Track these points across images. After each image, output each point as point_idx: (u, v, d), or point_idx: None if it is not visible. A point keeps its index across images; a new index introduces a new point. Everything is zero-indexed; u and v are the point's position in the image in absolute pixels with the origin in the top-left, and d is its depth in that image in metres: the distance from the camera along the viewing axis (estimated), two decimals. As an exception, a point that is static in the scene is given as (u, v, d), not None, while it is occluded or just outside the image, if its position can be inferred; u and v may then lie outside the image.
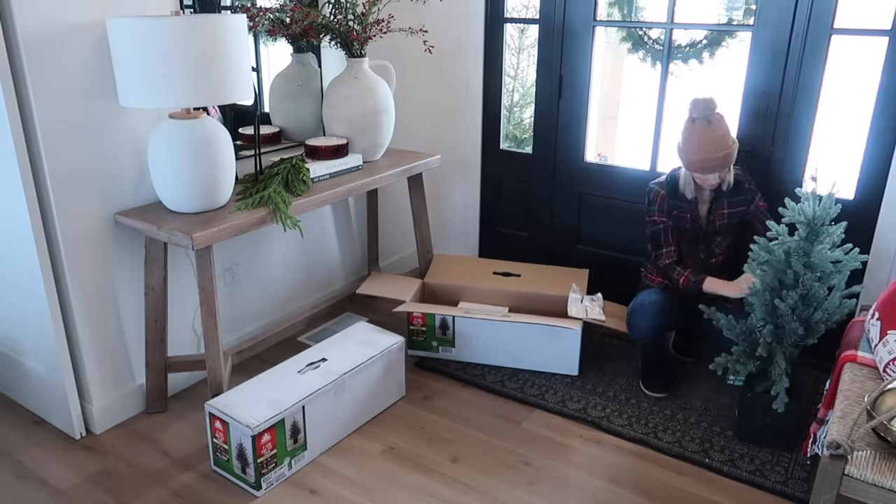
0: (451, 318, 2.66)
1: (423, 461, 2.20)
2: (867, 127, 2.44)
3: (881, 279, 2.49)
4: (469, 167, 3.42)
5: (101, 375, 2.28)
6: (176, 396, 2.51)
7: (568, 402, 2.48)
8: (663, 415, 2.40)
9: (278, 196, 2.25)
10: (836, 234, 2.05)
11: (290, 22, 2.45)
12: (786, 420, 2.18)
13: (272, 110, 2.75)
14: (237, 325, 2.75)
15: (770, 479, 2.10)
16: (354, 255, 3.28)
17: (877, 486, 1.51)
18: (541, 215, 3.28)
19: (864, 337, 2.04)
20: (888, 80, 2.37)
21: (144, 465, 2.17)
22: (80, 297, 2.16)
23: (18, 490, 2.05)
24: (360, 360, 2.30)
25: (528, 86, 3.43)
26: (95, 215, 2.15)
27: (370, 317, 3.05)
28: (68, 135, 2.02)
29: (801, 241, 2.05)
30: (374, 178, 2.63)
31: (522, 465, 2.18)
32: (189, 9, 2.27)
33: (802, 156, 2.59)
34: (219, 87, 1.95)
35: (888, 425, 1.55)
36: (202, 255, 2.09)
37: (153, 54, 1.86)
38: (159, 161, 2.07)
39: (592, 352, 2.79)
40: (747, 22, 2.70)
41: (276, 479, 2.08)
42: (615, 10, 3.05)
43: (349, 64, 2.66)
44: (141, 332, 2.36)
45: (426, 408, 2.47)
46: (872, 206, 2.48)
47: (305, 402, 2.10)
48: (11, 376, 2.44)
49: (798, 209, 2.06)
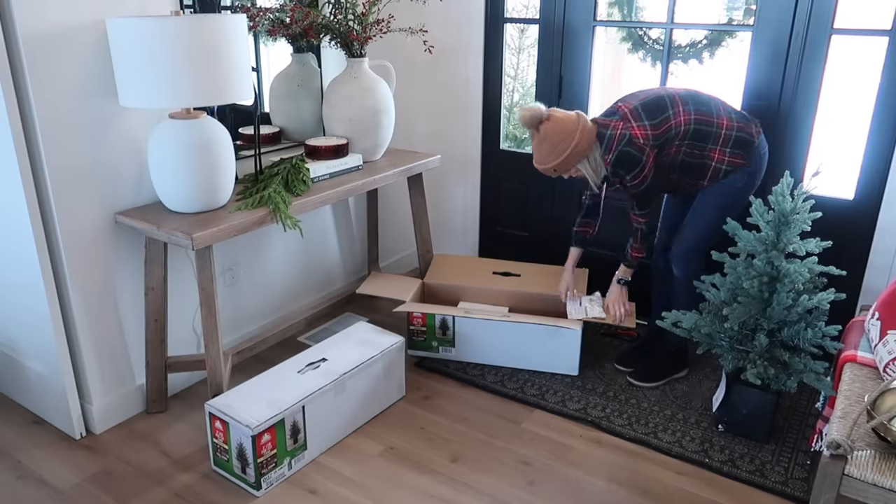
0: (451, 318, 2.66)
1: (422, 461, 2.20)
2: (867, 127, 2.45)
3: (881, 279, 2.49)
4: (469, 167, 3.42)
5: (101, 375, 2.28)
6: (176, 396, 2.51)
7: (568, 402, 2.48)
8: (663, 415, 2.40)
9: (278, 196, 2.25)
10: (804, 222, 2.08)
11: (290, 22, 2.45)
12: (761, 413, 2.20)
13: (272, 110, 2.75)
14: (237, 325, 2.75)
15: (770, 479, 2.10)
16: (354, 255, 3.28)
17: (877, 486, 1.51)
18: (541, 215, 3.28)
19: (864, 337, 2.04)
20: (888, 80, 2.37)
21: (144, 465, 2.17)
22: (80, 296, 2.16)
23: (18, 490, 2.05)
24: (360, 360, 2.30)
25: (528, 86, 3.43)
26: (95, 215, 2.15)
27: (370, 317, 3.05)
28: (68, 134, 2.02)
29: (769, 232, 2.09)
30: (374, 178, 2.63)
31: (522, 465, 2.18)
32: (189, 9, 2.27)
33: (802, 156, 2.59)
34: (219, 87, 1.95)
35: (888, 425, 1.55)
36: (202, 255, 2.09)
37: (153, 54, 1.86)
38: (159, 161, 2.07)
39: (592, 352, 2.79)
40: (747, 22, 2.70)
41: (276, 479, 2.08)
42: (615, 10, 3.05)
43: (349, 64, 2.66)
44: (141, 332, 2.36)
45: (426, 408, 2.47)
46: (872, 206, 2.48)
47: (305, 402, 2.10)
48: (11, 376, 2.44)
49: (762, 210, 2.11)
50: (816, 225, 2.14)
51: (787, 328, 2.10)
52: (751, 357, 2.16)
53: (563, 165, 2.28)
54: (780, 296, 2.07)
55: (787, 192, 2.09)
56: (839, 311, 2.34)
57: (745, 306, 2.11)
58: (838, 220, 2.51)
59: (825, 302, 2.06)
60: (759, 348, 2.12)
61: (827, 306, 2.08)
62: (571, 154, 2.24)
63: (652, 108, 2.26)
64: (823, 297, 2.06)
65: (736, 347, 2.23)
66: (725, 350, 2.22)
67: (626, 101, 2.32)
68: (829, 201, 2.53)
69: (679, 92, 2.32)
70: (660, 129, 2.24)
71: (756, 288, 2.09)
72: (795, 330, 2.09)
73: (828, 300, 2.06)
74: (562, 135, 2.23)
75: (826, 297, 2.06)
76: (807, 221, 2.08)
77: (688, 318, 2.23)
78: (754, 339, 2.13)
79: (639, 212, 2.40)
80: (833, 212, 2.49)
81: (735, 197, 2.34)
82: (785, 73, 2.54)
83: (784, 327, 2.12)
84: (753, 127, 2.31)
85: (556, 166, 2.28)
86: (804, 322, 2.10)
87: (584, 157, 2.27)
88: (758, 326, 2.14)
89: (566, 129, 2.24)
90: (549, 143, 2.25)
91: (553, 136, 2.24)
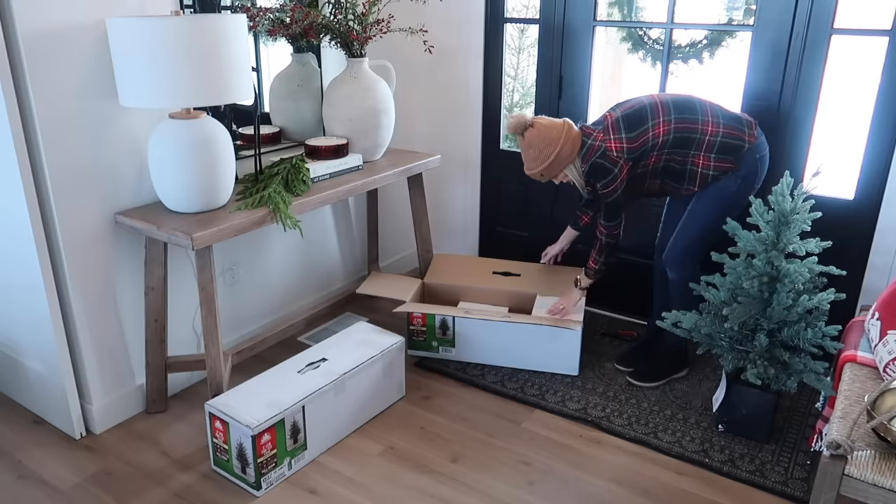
0: (451, 319, 2.66)
1: (422, 461, 2.20)
2: (867, 127, 2.45)
3: (881, 279, 2.49)
4: (469, 167, 3.42)
5: (101, 375, 2.28)
6: (176, 396, 2.51)
7: (568, 402, 2.48)
8: (663, 415, 2.40)
9: (278, 196, 2.25)
10: (804, 222, 2.08)
11: (290, 22, 2.45)
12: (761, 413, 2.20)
13: (272, 110, 2.75)
14: (237, 325, 2.75)
15: (770, 479, 2.10)
16: (354, 255, 3.28)
17: (877, 486, 1.51)
18: (541, 215, 3.28)
19: (864, 337, 2.04)
20: (888, 80, 2.37)
21: (144, 465, 2.17)
22: (80, 296, 2.16)
23: (18, 490, 2.05)
24: (360, 360, 2.30)
25: (528, 86, 3.43)
26: (95, 215, 2.15)
27: (370, 317, 3.05)
28: (68, 134, 2.02)
29: (769, 232, 2.09)
30: (374, 178, 2.63)
31: (522, 465, 2.18)
32: (189, 9, 2.27)
33: (802, 156, 2.59)
34: (219, 87, 1.95)
35: (888, 425, 1.55)
36: (202, 255, 2.09)
37: (153, 54, 1.86)
38: (159, 161, 2.07)
39: (592, 352, 2.79)
40: (747, 22, 2.70)
41: (276, 479, 2.08)
42: (615, 10, 3.05)
43: (349, 64, 2.66)
44: (141, 332, 2.36)
45: (426, 408, 2.47)
46: (872, 206, 2.48)
47: (305, 402, 2.10)
48: (11, 376, 2.44)
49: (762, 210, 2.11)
50: (816, 225, 2.15)
51: (787, 328, 2.10)
52: (751, 357, 2.16)
53: (548, 171, 2.36)
54: (780, 296, 2.07)
55: (787, 192, 2.09)
56: (839, 311, 2.34)
57: (745, 306, 2.11)
58: (838, 220, 2.51)
59: (825, 302, 2.07)
60: (759, 348, 2.12)
61: (827, 306, 2.08)
62: (555, 160, 2.32)
63: (633, 119, 2.31)
64: (823, 297, 2.06)
65: (736, 347, 2.23)
66: (725, 350, 2.22)
67: (614, 110, 2.38)
68: (829, 201, 2.53)
69: (665, 100, 2.34)
70: (636, 143, 2.29)
71: (756, 288, 2.09)
72: (795, 330, 2.09)
73: (828, 300, 2.06)
74: (546, 141, 2.31)
75: (826, 297, 2.06)
76: (807, 221, 2.08)
77: (688, 318, 2.23)
78: (754, 339, 2.13)
79: (605, 222, 2.43)
80: (833, 212, 2.49)
81: (728, 200, 2.35)
82: (785, 73, 2.54)
83: (784, 327, 2.12)
84: (746, 131, 2.31)
85: (543, 171, 2.36)
86: (804, 322, 2.10)
87: (569, 163, 2.34)
88: (758, 326, 2.15)
89: (550, 136, 2.31)
90: (534, 150, 2.33)
91: (537, 142, 2.32)
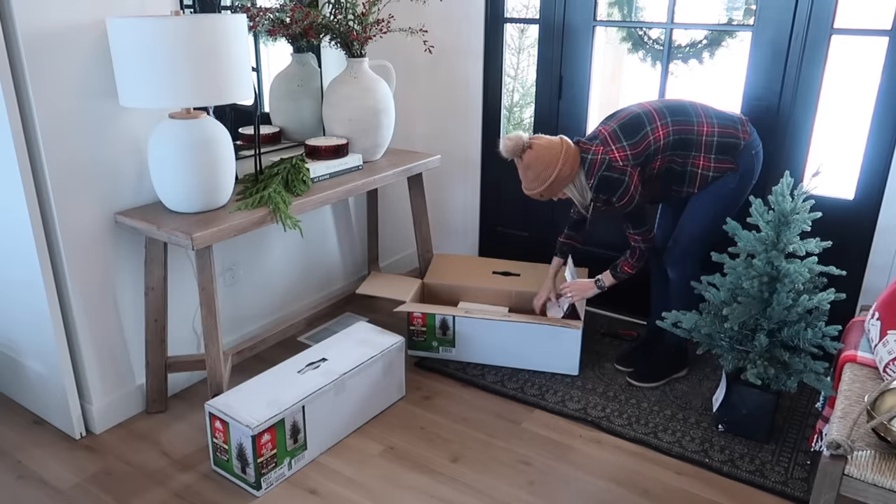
0: (451, 318, 2.66)
1: (423, 461, 2.20)
2: (867, 127, 2.45)
3: (881, 279, 2.50)
4: (469, 167, 3.42)
5: (101, 375, 2.28)
6: (176, 396, 2.51)
7: (568, 402, 2.48)
8: (663, 415, 2.40)
9: (278, 196, 2.25)
10: (804, 222, 2.08)
11: (290, 22, 2.45)
12: (761, 413, 2.20)
13: (272, 110, 2.75)
14: (237, 325, 2.75)
15: (770, 479, 2.10)
16: (354, 255, 3.28)
17: (877, 486, 1.51)
18: (541, 215, 3.28)
19: (864, 337, 2.04)
20: (888, 80, 2.37)
21: (144, 465, 2.16)
22: (80, 296, 2.16)
23: (18, 490, 2.05)
24: (360, 360, 2.30)
25: (528, 86, 3.43)
26: (95, 215, 2.15)
27: (370, 317, 3.05)
28: (68, 133, 2.02)
29: (769, 232, 2.09)
30: (374, 178, 2.63)
31: (522, 465, 2.18)
32: (189, 9, 2.27)
33: (802, 156, 2.59)
34: (219, 87, 1.95)
35: (888, 425, 1.55)
36: (202, 255, 2.09)
37: (153, 54, 1.86)
38: (159, 161, 2.07)
39: (592, 352, 2.79)
40: (747, 22, 2.70)
41: (276, 479, 2.08)
42: (615, 10, 3.05)
43: (349, 64, 2.66)
44: (141, 332, 2.36)
45: (426, 408, 2.47)
46: (872, 206, 2.48)
47: (305, 402, 2.10)
48: (11, 376, 2.44)
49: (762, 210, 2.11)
50: (816, 225, 2.14)
51: (787, 328, 2.10)
52: (751, 357, 2.16)
53: (548, 191, 2.33)
54: (780, 296, 2.07)
55: (787, 192, 2.09)
56: (839, 311, 2.34)
57: (745, 306, 2.11)
58: (838, 220, 2.52)
59: (825, 302, 2.06)
60: (759, 348, 2.12)
61: (827, 306, 2.08)
62: (555, 181, 2.29)
63: (630, 127, 2.29)
64: (823, 297, 2.06)
65: (736, 347, 2.23)
66: (725, 350, 2.22)
67: (607, 123, 2.36)
68: (829, 201, 2.53)
69: (656, 106, 2.34)
70: (639, 148, 2.27)
71: (756, 288, 2.09)
72: (795, 330, 2.09)
73: (828, 300, 2.06)
74: (544, 163, 2.27)
75: (826, 297, 2.06)
76: (807, 221, 2.08)
77: (688, 318, 2.23)
78: (754, 339, 2.13)
79: (634, 231, 2.39)
80: (833, 212, 2.49)
81: (728, 198, 2.35)
82: (785, 72, 2.54)
83: (784, 327, 2.12)
84: (740, 128, 2.31)
85: (542, 192, 2.34)
86: (804, 322, 2.10)
87: (568, 182, 2.32)
88: (758, 326, 2.14)
89: (548, 157, 2.27)
90: (533, 171, 2.30)
91: (536, 164, 2.28)
